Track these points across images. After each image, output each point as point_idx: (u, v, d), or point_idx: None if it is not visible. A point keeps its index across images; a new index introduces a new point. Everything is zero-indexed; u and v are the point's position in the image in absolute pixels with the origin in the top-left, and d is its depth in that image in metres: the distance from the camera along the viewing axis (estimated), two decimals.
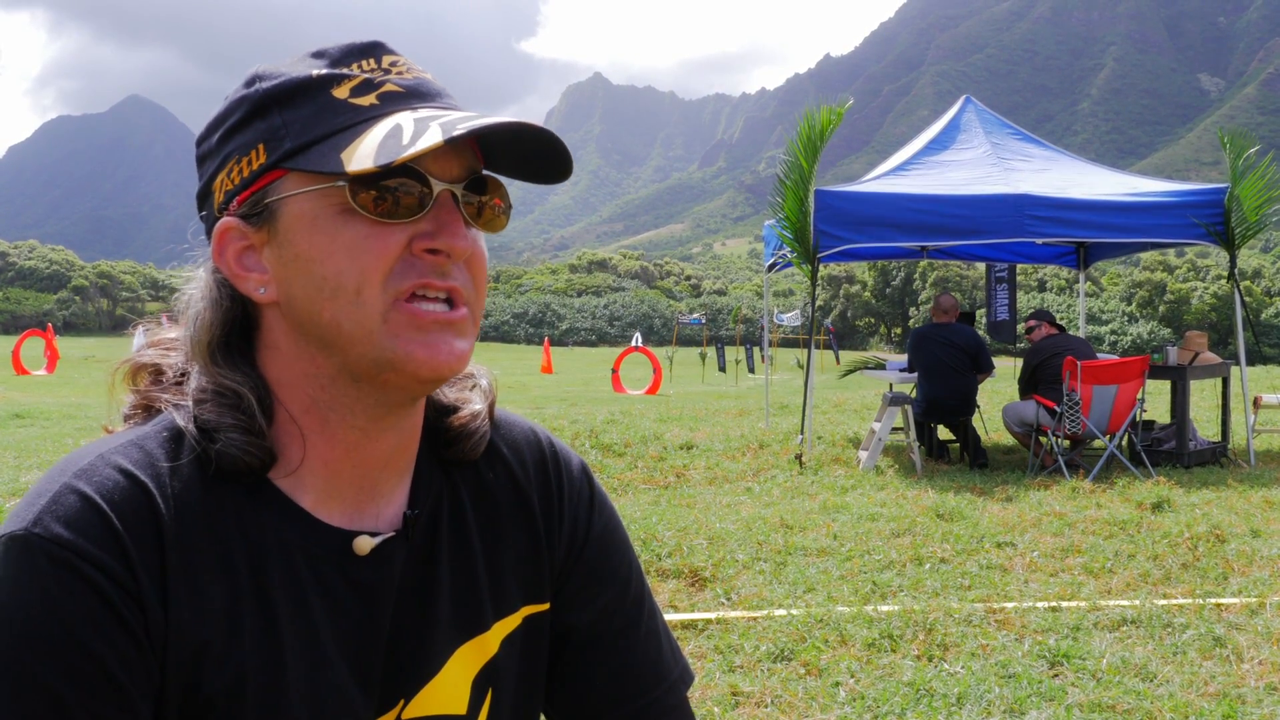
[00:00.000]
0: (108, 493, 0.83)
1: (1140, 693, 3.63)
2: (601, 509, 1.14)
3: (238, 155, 0.89)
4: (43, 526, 0.80)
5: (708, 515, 6.72)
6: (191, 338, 0.92)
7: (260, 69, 0.90)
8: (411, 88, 0.89)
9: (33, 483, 5.73)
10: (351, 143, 0.84)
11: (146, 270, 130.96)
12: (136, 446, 0.88)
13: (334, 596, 0.91)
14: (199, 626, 0.84)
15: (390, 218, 0.85)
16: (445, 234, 0.87)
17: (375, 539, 0.94)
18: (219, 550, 0.87)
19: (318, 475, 0.92)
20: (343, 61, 0.89)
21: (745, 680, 3.80)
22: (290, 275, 0.87)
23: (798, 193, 9.18)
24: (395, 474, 0.97)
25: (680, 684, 1.13)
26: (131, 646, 0.81)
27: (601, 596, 1.10)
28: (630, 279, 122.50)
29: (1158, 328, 66.67)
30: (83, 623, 0.79)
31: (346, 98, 0.87)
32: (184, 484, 0.87)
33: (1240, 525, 6.29)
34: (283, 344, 0.91)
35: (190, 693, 0.84)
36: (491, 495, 1.05)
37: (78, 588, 0.79)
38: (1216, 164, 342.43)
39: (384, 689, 0.94)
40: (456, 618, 0.99)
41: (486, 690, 1.02)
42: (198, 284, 0.94)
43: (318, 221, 0.86)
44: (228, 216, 0.90)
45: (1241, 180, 9.07)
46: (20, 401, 16.01)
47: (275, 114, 0.87)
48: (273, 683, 0.87)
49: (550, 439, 1.14)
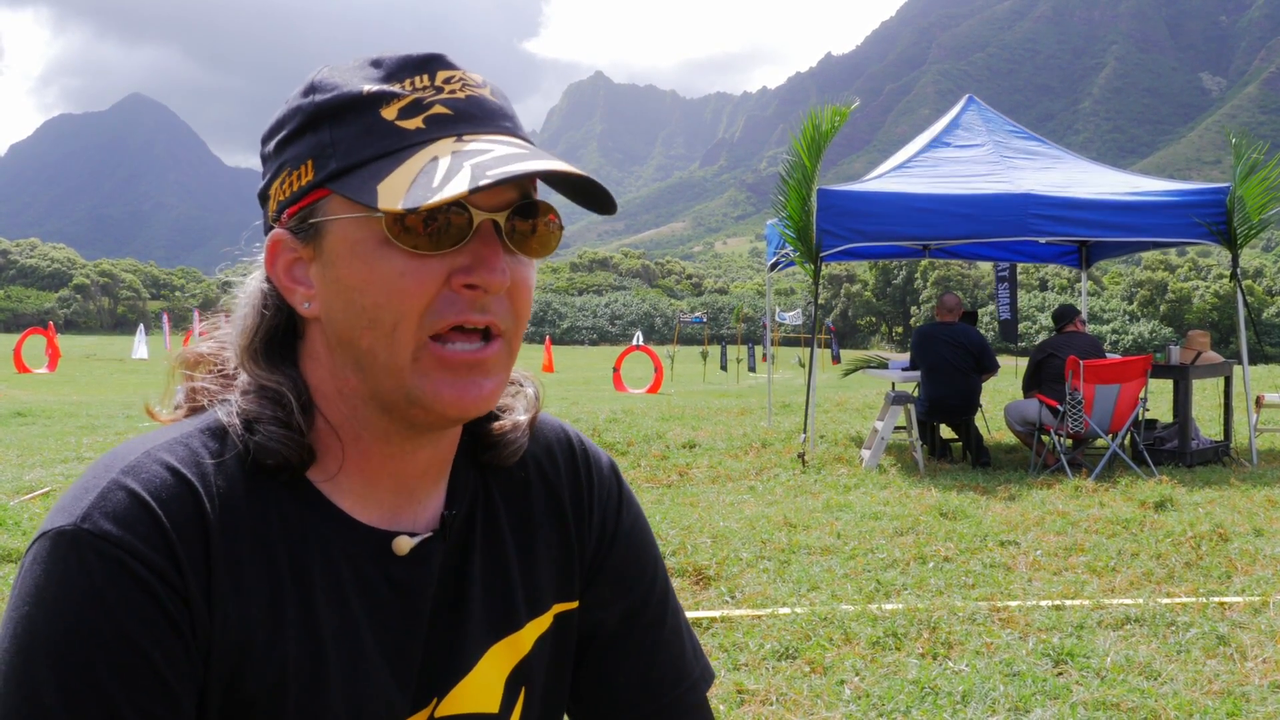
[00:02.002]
0: (155, 490, 0.84)
1: (1145, 691, 3.63)
2: (629, 507, 1.15)
3: (289, 168, 0.89)
4: (91, 522, 0.81)
5: (711, 514, 6.73)
6: (235, 341, 0.93)
7: (319, 77, 0.90)
8: (462, 109, 0.88)
9: (36, 480, 5.75)
10: (390, 172, 0.84)
11: (148, 269, 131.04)
12: (182, 444, 0.89)
13: (374, 595, 0.92)
14: (243, 624, 0.85)
15: (428, 250, 0.84)
16: (482, 269, 0.85)
17: (414, 539, 0.95)
18: (262, 549, 0.88)
19: (355, 481, 0.94)
20: (396, 76, 0.88)
21: (750, 678, 3.80)
22: (332, 297, 0.88)
23: (800, 192, 9.17)
24: (432, 481, 0.98)
25: (701, 683, 1.15)
26: (177, 643, 0.82)
27: (629, 594, 1.11)
28: (631, 278, 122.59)
29: (1159, 327, 66.69)
30: (130, 619, 0.80)
31: (394, 119, 0.86)
32: (228, 482, 0.88)
33: (1243, 524, 6.30)
34: (323, 357, 0.92)
35: (233, 689, 0.85)
36: (525, 495, 1.07)
37: (126, 584, 0.80)
38: (1218, 163, 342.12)
39: (419, 686, 0.95)
40: (490, 616, 1.00)
41: (519, 689, 1.03)
42: (249, 286, 0.95)
43: (357, 249, 0.86)
44: (279, 228, 0.91)
45: (1245, 181, 9.07)
46: (22, 399, 16.02)
47: (325, 130, 0.87)
48: (314, 680, 0.88)
49: (580, 437, 1.15)
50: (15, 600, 0.81)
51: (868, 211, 9.16)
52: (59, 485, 7.39)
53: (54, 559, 0.80)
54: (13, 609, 0.81)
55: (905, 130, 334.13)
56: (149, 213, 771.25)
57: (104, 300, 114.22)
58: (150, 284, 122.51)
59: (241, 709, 0.85)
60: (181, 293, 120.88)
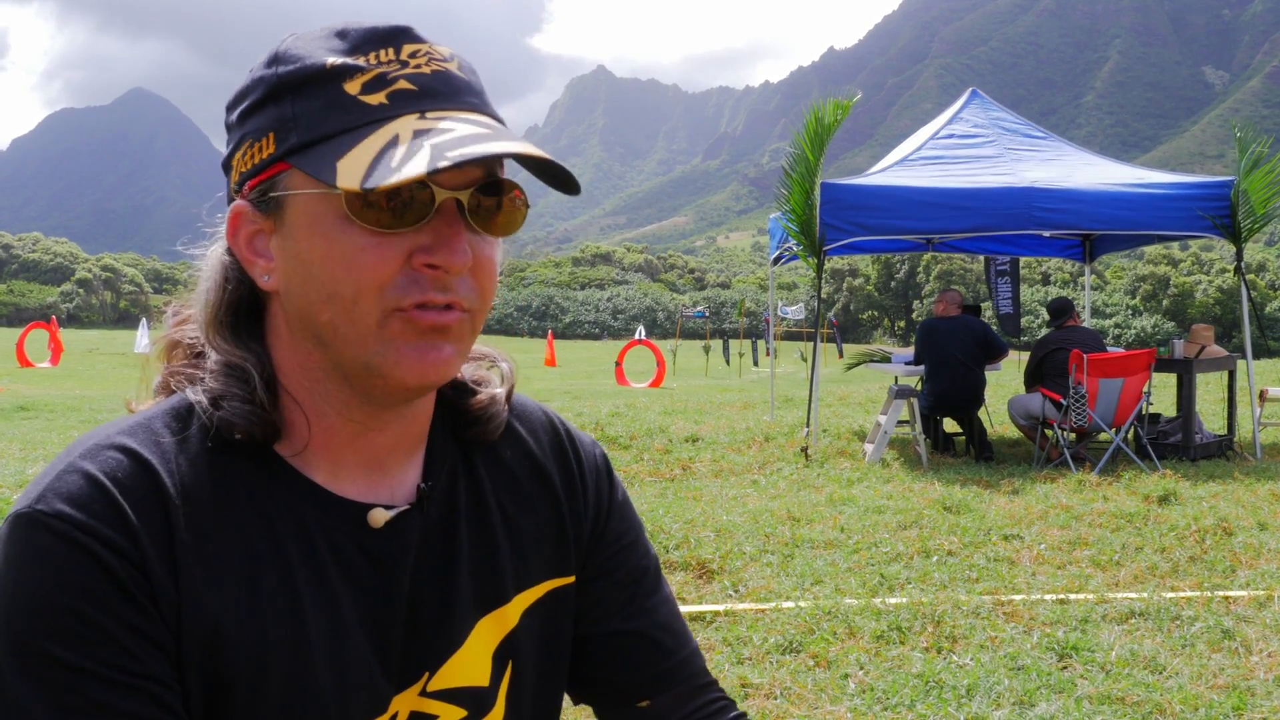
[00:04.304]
0: (109, 470, 0.84)
1: (1150, 685, 3.63)
2: (617, 478, 1.18)
3: (252, 139, 0.88)
4: (46, 503, 0.82)
5: (714, 508, 6.72)
6: (200, 315, 0.93)
7: (282, 48, 0.89)
8: (426, 85, 0.86)
9: (38, 473, 5.82)
10: (350, 149, 0.82)
11: (150, 263, 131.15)
12: (142, 426, 0.89)
13: (351, 568, 0.92)
14: (216, 597, 0.85)
15: (389, 228, 0.83)
16: (443, 250, 0.85)
17: (390, 512, 0.94)
18: (231, 521, 0.87)
19: (323, 455, 0.93)
20: (361, 49, 0.87)
21: (754, 672, 3.80)
22: (291, 272, 0.87)
23: (803, 186, 9.16)
24: (404, 454, 0.98)
25: (699, 650, 1.18)
26: (138, 615, 0.82)
27: (627, 563, 1.14)
28: (634, 272, 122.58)
29: (1162, 321, 66.63)
30: (83, 594, 0.80)
31: (357, 94, 0.85)
32: (189, 458, 0.88)
33: (1247, 518, 6.29)
34: (283, 332, 0.92)
35: (213, 664, 0.85)
36: (509, 471, 1.07)
37: (81, 560, 0.80)
38: (1220, 157, 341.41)
39: (407, 661, 0.95)
40: (477, 591, 1.00)
41: (506, 663, 1.03)
42: (211, 259, 0.95)
43: (317, 224, 0.85)
44: (240, 199, 0.90)
45: (1249, 174, 9.05)
46: (25, 394, 16.05)
47: (287, 102, 0.86)
48: (297, 652, 0.88)
49: (562, 419, 1.16)
50: None
51: (871, 205, 9.14)
52: None
53: (10, 540, 0.82)
54: None
55: (908, 124, 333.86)
56: (151, 207, 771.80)
57: (106, 294, 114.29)
58: (153, 278, 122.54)
59: (224, 687, 0.85)
60: (184, 286, 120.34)
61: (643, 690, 1.12)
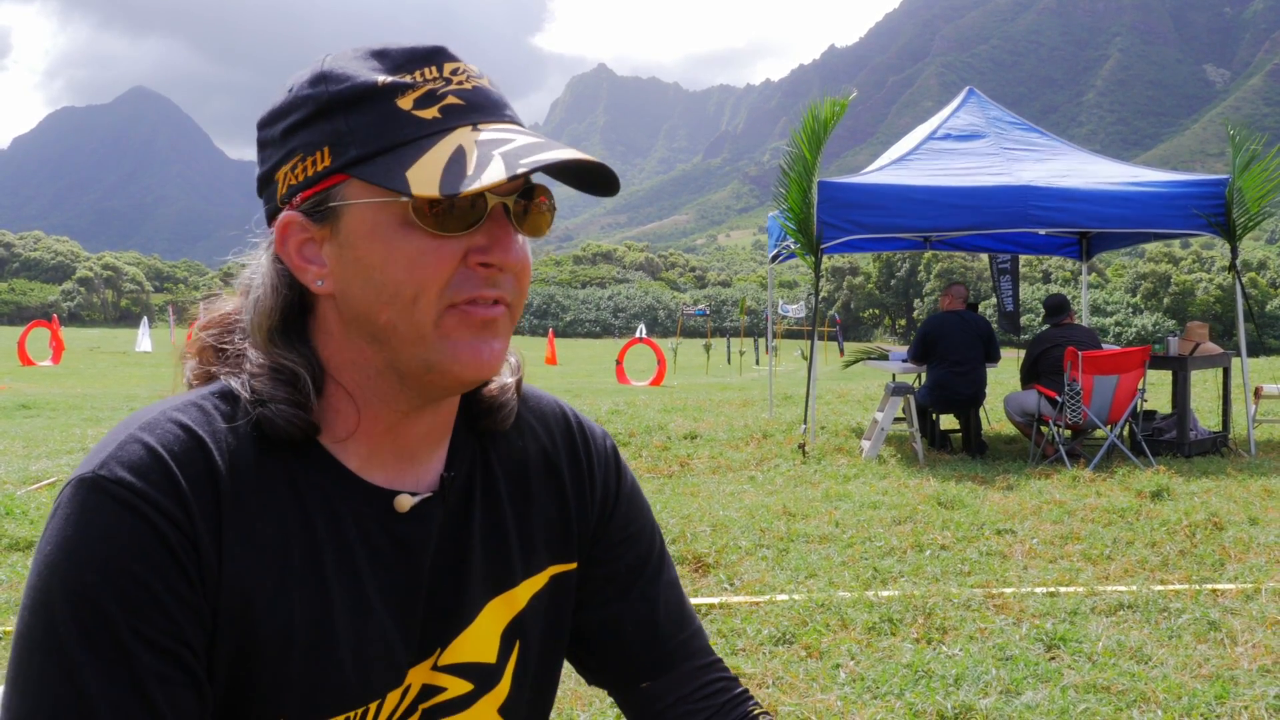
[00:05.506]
0: (168, 444, 0.90)
1: (1135, 674, 3.69)
2: (626, 470, 1.24)
3: (302, 153, 0.93)
4: (108, 469, 0.88)
5: (711, 503, 6.78)
6: (251, 321, 0.98)
7: (326, 67, 0.94)
8: (471, 100, 0.93)
9: (41, 470, 5.81)
10: (416, 160, 0.88)
11: (151, 261, 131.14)
12: (195, 406, 0.95)
13: (377, 550, 0.99)
14: (252, 572, 0.91)
15: (447, 231, 0.90)
16: (498, 249, 0.92)
17: (415, 498, 1.01)
18: (271, 503, 0.94)
19: (361, 445, 1.00)
20: (405, 68, 0.92)
21: (747, 663, 3.86)
22: (349, 275, 0.93)
23: (801, 184, 9.21)
24: (433, 444, 1.05)
25: (702, 631, 1.24)
26: (184, 582, 0.88)
27: (634, 549, 1.20)
28: (635, 270, 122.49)
29: (1163, 319, 66.59)
30: (140, 557, 0.86)
31: (410, 109, 0.90)
32: (238, 442, 0.94)
33: (1238, 513, 6.34)
34: (335, 332, 0.97)
35: (242, 636, 0.91)
36: (522, 462, 1.14)
37: (138, 526, 0.86)
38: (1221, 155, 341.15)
39: (422, 637, 1.03)
40: (488, 573, 1.08)
41: (514, 642, 1.10)
42: (258, 268, 1.00)
43: (378, 230, 0.91)
44: (290, 210, 0.95)
45: (1244, 172, 9.10)
46: (27, 392, 16.10)
47: (340, 118, 0.91)
48: (320, 626, 0.94)
49: (575, 411, 1.22)
50: (41, 542, 0.88)
51: (867, 203, 9.19)
52: (64, 476, 7.45)
53: (73, 503, 0.88)
54: (39, 550, 0.88)
55: (908, 122, 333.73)
56: (152, 206, 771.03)
57: (108, 293, 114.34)
58: (154, 276, 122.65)
59: (250, 657, 0.91)
60: (185, 285, 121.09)
61: (642, 673, 1.18)
